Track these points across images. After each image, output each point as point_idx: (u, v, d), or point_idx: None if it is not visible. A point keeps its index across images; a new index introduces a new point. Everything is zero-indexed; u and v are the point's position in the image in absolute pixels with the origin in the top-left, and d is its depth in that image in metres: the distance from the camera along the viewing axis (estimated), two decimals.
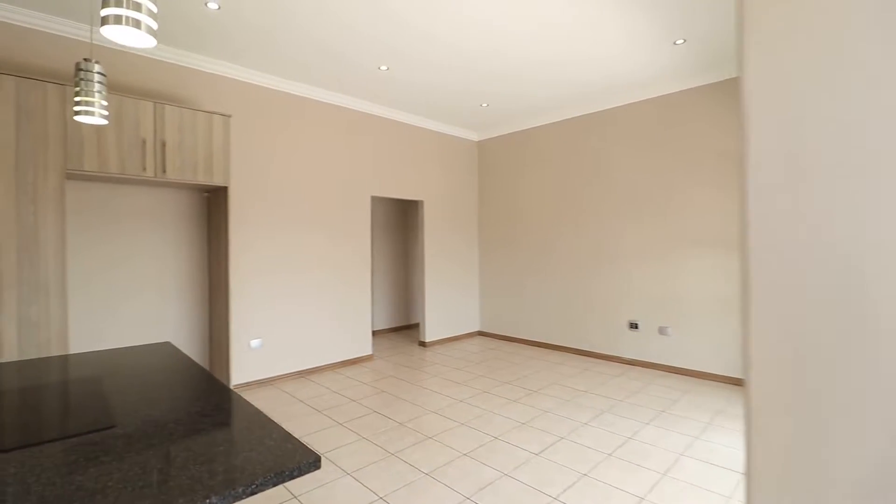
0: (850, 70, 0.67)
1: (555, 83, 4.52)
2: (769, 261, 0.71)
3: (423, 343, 5.81)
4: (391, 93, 4.76)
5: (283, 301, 4.41)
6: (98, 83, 1.83)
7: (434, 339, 5.87)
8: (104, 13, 0.94)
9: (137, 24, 0.95)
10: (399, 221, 7.11)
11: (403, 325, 7.07)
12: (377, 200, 6.80)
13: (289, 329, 4.45)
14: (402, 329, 7.01)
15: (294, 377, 4.46)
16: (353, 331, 5.01)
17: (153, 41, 1.00)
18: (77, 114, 1.79)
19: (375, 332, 6.66)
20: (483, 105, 5.19)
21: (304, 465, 0.99)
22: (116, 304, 3.47)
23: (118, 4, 0.93)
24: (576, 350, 5.33)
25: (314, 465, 1.01)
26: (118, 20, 0.94)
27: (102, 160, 2.95)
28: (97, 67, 1.82)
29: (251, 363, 4.17)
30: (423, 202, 5.80)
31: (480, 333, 6.49)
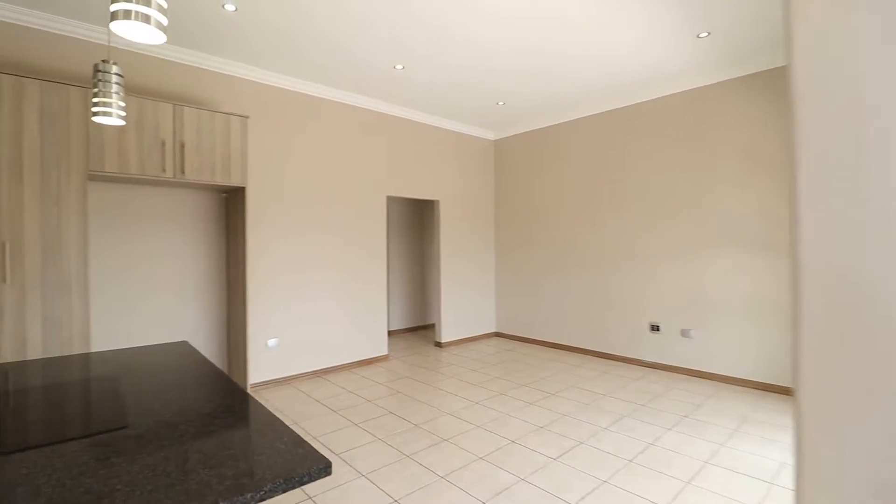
0: None
1: (573, 79, 4.43)
2: (821, 262, 0.65)
3: (439, 343, 5.77)
4: (407, 92, 4.74)
5: (300, 301, 4.43)
6: (116, 84, 1.84)
7: (450, 340, 5.83)
8: (113, 8, 0.93)
9: (147, 20, 0.94)
10: (415, 221, 7.09)
11: (419, 326, 7.04)
12: (393, 200, 6.80)
13: (305, 329, 4.46)
14: (418, 329, 6.99)
15: (310, 377, 4.48)
16: (369, 331, 5.01)
17: (163, 37, 0.99)
18: (95, 114, 1.81)
19: (391, 333, 6.65)
20: (500, 103, 5.13)
21: (315, 471, 0.96)
22: (136, 304, 3.52)
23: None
24: (595, 352, 5.23)
25: (325, 472, 0.98)
26: (127, 15, 0.93)
27: (123, 161, 3.00)
28: (115, 68, 1.83)
29: (268, 362, 4.20)
30: (439, 202, 5.76)
31: (497, 334, 6.43)
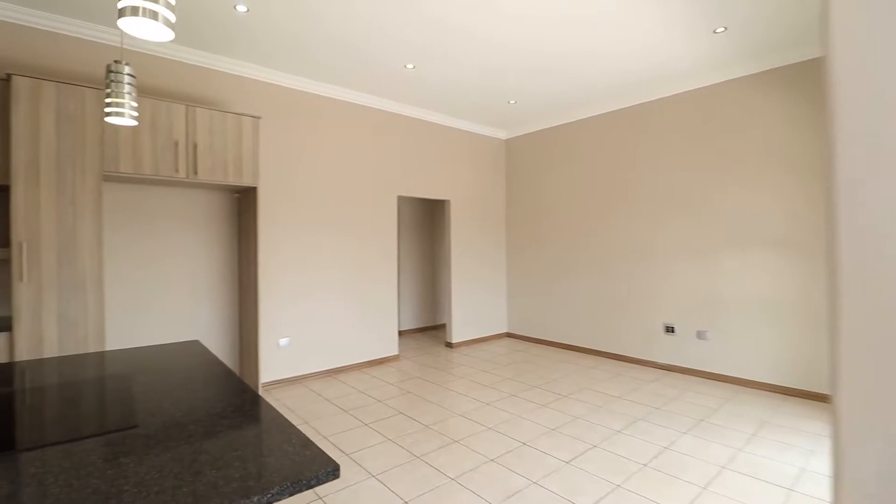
0: None
1: (586, 77, 4.37)
2: (862, 262, 0.61)
3: (450, 344, 5.75)
4: (417, 92, 4.72)
5: (311, 300, 4.44)
6: (128, 84, 1.85)
7: (461, 340, 5.81)
8: (121, 5, 0.93)
9: (154, 16, 0.93)
10: (425, 221, 7.08)
11: (430, 326, 7.03)
12: (403, 200, 6.79)
13: (316, 328, 4.47)
14: (429, 329, 6.98)
15: (321, 376, 4.49)
16: (380, 331, 5.01)
17: (171, 34, 0.98)
18: (108, 115, 1.82)
19: (402, 333, 6.64)
20: (511, 102, 5.09)
21: (323, 474, 0.95)
22: (150, 303, 3.56)
23: None
24: (608, 354, 5.15)
25: (333, 475, 0.96)
26: (135, 12, 0.92)
27: (137, 162, 3.03)
28: (127, 69, 1.85)
29: (280, 361, 4.22)
30: (450, 202, 5.74)
31: (508, 335, 6.38)
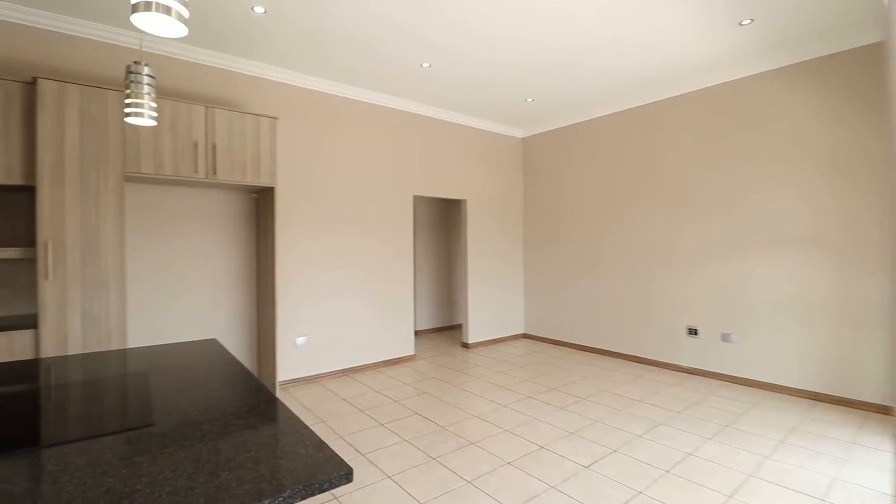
0: None
1: (605, 73, 4.28)
2: None
3: (466, 344, 5.71)
4: (434, 91, 4.70)
5: (328, 299, 4.45)
6: (147, 85, 1.87)
7: (477, 341, 5.76)
8: (134, 0, 0.92)
9: (168, 11, 0.93)
10: (442, 221, 7.05)
11: (446, 326, 7.00)
12: (420, 199, 6.78)
13: (333, 327, 4.49)
14: (445, 330, 6.95)
15: (338, 375, 4.50)
16: (396, 330, 5.00)
17: (184, 29, 0.98)
18: (127, 115, 1.84)
19: (418, 333, 6.63)
20: (528, 100, 5.03)
21: (336, 478, 0.92)
22: (170, 301, 3.62)
23: None
24: (627, 356, 5.04)
25: (346, 478, 0.94)
26: (148, 7, 0.92)
27: (158, 163, 3.08)
28: (146, 70, 1.86)
29: (297, 360, 4.24)
30: (466, 201, 5.70)
31: (525, 336, 6.31)
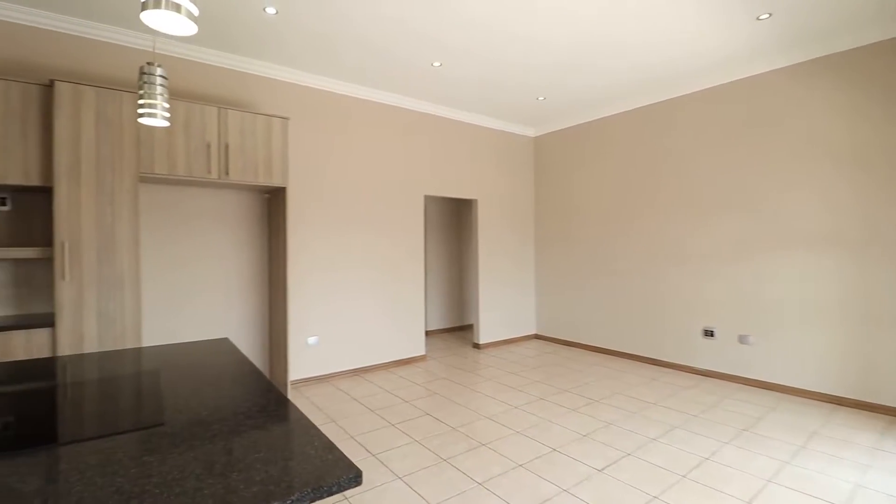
0: None
1: (618, 71, 4.22)
2: None
3: (477, 345, 5.68)
4: (444, 90, 4.68)
5: (339, 299, 4.46)
6: (160, 86, 1.88)
7: (488, 342, 5.73)
8: None
9: (177, 8, 0.92)
10: (452, 221, 7.03)
11: (457, 326, 6.98)
12: (430, 199, 6.77)
13: (344, 327, 4.50)
14: (456, 330, 6.93)
15: (349, 375, 4.50)
16: (407, 330, 4.99)
17: (194, 27, 0.97)
18: (140, 116, 1.85)
19: (428, 333, 6.62)
20: (540, 98, 4.98)
21: (345, 481, 0.91)
22: (183, 301, 3.65)
23: None
24: (641, 357, 4.97)
25: (355, 481, 0.92)
26: (157, 4, 0.91)
27: (171, 163, 3.11)
28: (159, 70, 1.87)
29: (308, 360, 4.26)
30: (477, 201, 5.67)
31: (537, 336, 6.26)
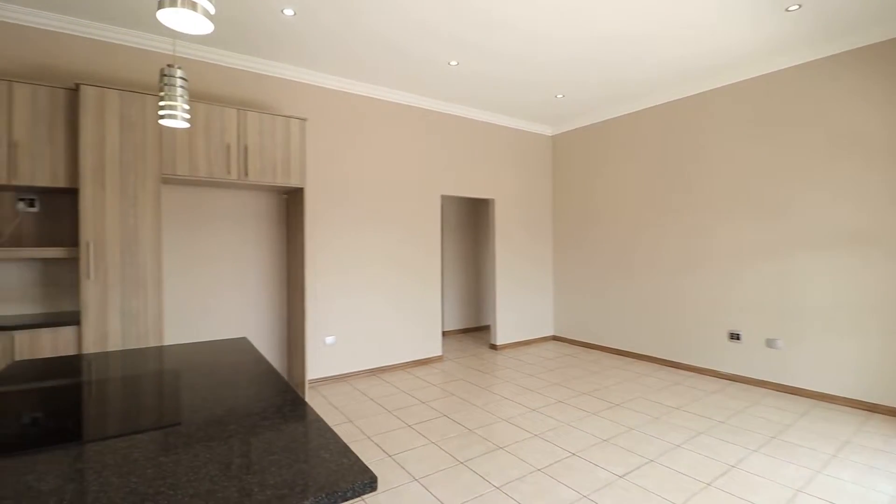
0: None
1: (639, 66, 4.13)
2: None
3: (494, 346, 5.63)
4: (461, 89, 4.65)
5: (356, 299, 4.48)
6: (180, 87, 1.90)
7: (505, 343, 5.67)
8: None
9: (193, 7, 0.92)
10: (469, 220, 6.99)
11: (473, 327, 6.93)
12: (447, 199, 6.74)
13: (361, 326, 4.51)
14: (472, 331, 6.88)
15: (366, 374, 4.51)
16: (424, 330, 4.97)
17: (210, 25, 0.97)
18: (161, 118, 1.87)
19: (445, 333, 6.59)
20: (558, 96, 4.91)
21: (359, 486, 0.89)
22: (203, 300, 3.71)
23: None
24: (663, 360, 4.85)
25: (370, 487, 0.90)
26: (174, 2, 0.91)
27: (193, 165, 3.16)
28: (179, 73, 1.89)
29: (326, 359, 4.28)
30: (494, 200, 5.62)
31: (555, 338, 6.17)
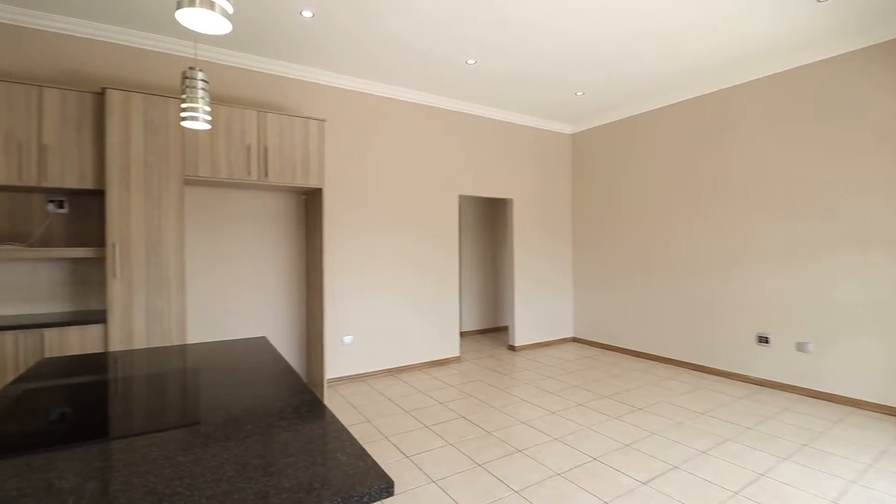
0: None
1: (664, 61, 4.02)
2: None
3: (513, 347, 5.57)
4: (479, 88, 4.62)
5: (374, 299, 4.49)
6: (202, 90, 1.93)
7: (524, 344, 5.61)
8: None
9: (211, 6, 0.92)
10: (487, 220, 6.95)
11: (491, 328, 6.89)
12: (465, 199, 6.71)
13: (379, 326, 4.52)
14: (490, 331, 6.84)
15: (384, 374, 4.52)
16: (442, 331, 4.96)
17: (228, 25, 0.97)
18: (183, 119, 1.90)
19: (463, 334, 6.57)
20: (578, 94, 4.83)
21: (376, 491, 0.87)
22: (224, 300, 3.77)
23: None
24: (687, 364, 4.72)
25: (387, 492, 0.88)
26: (192, 2, 0.91)
27: (214, 167, 3.21)
28: (200, 75, 1.92)
29: (344, 358, 4.30)
30: (513, 200, 5.57)
31: (574, 339, 6.08)
